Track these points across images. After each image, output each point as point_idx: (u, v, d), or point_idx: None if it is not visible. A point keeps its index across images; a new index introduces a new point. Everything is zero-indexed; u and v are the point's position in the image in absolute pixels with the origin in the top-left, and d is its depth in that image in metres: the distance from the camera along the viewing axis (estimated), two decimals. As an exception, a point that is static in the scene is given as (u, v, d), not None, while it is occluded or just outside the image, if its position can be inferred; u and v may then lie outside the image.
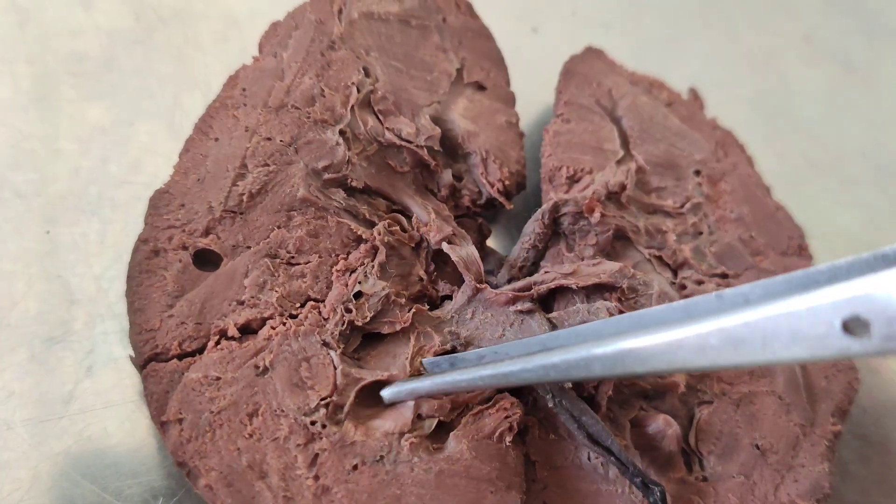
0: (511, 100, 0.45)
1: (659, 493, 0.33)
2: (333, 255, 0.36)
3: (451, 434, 0.33)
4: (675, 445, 0.36)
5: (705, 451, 0.37)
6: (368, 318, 0.35)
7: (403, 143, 0.39)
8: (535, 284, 0.37)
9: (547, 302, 0.38)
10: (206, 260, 0.35)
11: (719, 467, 0.36)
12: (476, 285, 0.37)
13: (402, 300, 0.36)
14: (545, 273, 0.38)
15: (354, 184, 0.38)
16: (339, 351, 0.34)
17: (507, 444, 0.34)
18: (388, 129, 0.39)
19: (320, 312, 0.34)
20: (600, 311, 0.35)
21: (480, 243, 0.41)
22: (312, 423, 0.32)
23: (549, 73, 0.46)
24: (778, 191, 0.47)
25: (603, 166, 0.42)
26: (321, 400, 0.32)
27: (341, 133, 0.38)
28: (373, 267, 0.36)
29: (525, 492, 0.34)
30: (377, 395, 0.34)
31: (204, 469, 0.31)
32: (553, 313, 0.37)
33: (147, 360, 0.32)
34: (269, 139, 0.37)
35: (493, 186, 0.40)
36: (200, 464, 0.31)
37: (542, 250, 0.39)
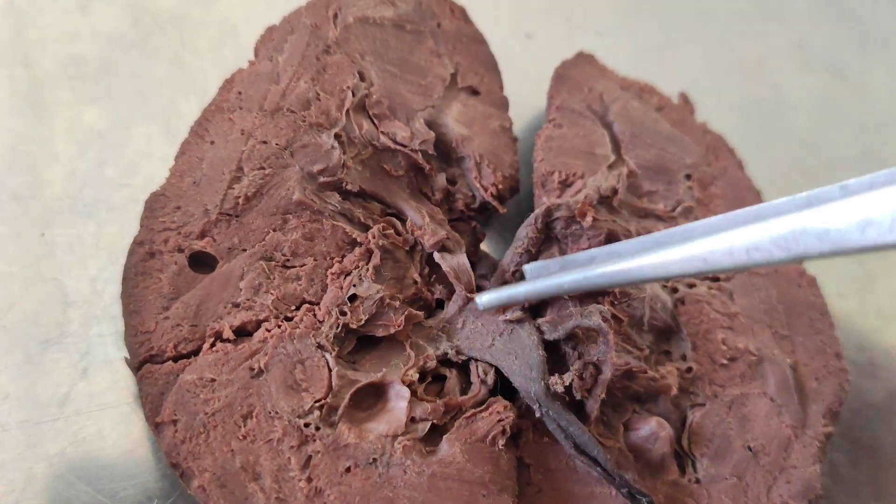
0: (505, 105, 0.45)
1: (646, 502, 0.33)
2: (328, 258, 0.36)
3: (445, 437, 0.34)
4: (668, 448, 0.36)
5: (698, 454, 0.37)
6: (363, 321, 0.35)
7: (398, 147, 0.39)
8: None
9: (538, 309, 0.38)
10: (202, 262, 0.35)
11: (712, 469, 0.37)
12: (467, 295, 0.37)
13: (397, 303, 0.36)
14: None
15: (349, 187, 0.38)
16: (333, 353, 0.34)
17: (500, 447, 0.34)
18: (382, 132, 0.40)
19: (315, 315, 0.35)
20: (593, 315, 0.35)
21: (474, 247, 0.41)
22: (306, 426, 0.32)
23: (542, 79, 0.46)
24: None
25: (595, 171, 0.42)
26: (315, 402, 0.33)
27: (336, 137, 0.38)
28: (367, 270, 0.36)
29: (519, 495, 0.34)
30: (371, 397, 0.34)
31: (197, 470, 0.31)
32: (546, 317, 0.37)
33: (142, 361, 0.33)
34: (265, 142, 0.37)
35: (486, 190, 0.41)
36: (194, 465, 0.31)
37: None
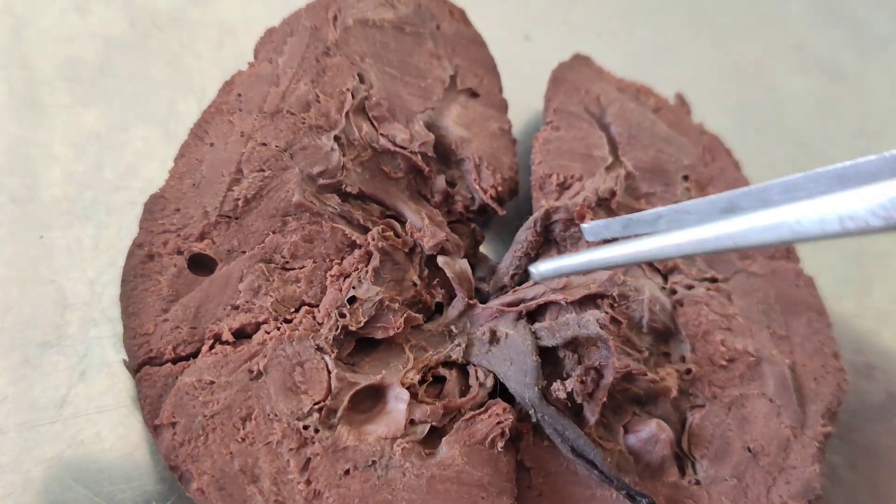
0: (504, 107, 0.45)
1: (646, 503, 0.33)
2: (328, 260, 0.36)
3: (444, 439, 0.34)
4: (669, 450, 0.36)
5: (698, 455, 0.37)
6: (362, 323, 0.35)
7: (397, 149, 0.39)
8: (523, 300, 0.37)
9: (535, 314, 0.38)
10: (201, 264, 0.35)
11: (712, 470, 0.37)
12: (468, 301, 0.37)
13: (396, 305, 0.36)
14: (535, 285, 0.38)
15: (349, 189, 0.38)
16: (333, 355, 0.34)
17: (499, 449, 0.34)
18: (382, 135, 0.40)
19: (314, 317, 0.35)
20: (590, 324, 0.35)
21: (473, 249, 0.41)
22: (305, 428, 0.32)
23: (541, 81, 0.47)
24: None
25: (592, 173, 0.42)
26: (314, 404, 0.33)
27: (336, 139, 0.38)
28: (367, 272, 0.36)
29: (520, 498, 0.34)
30: (370, 399, 0.34)
31: (196, 473, 0.31)
32: (544, 323, 0.37)
33: (141, 364, 0.33)
34: (265, 144, 0.37)
35: (485, 192, 0.41)
36: (193, 468, 0.31)
37: (533, 258, 0.39)
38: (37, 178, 0.38)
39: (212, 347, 0.33)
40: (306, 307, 0.35)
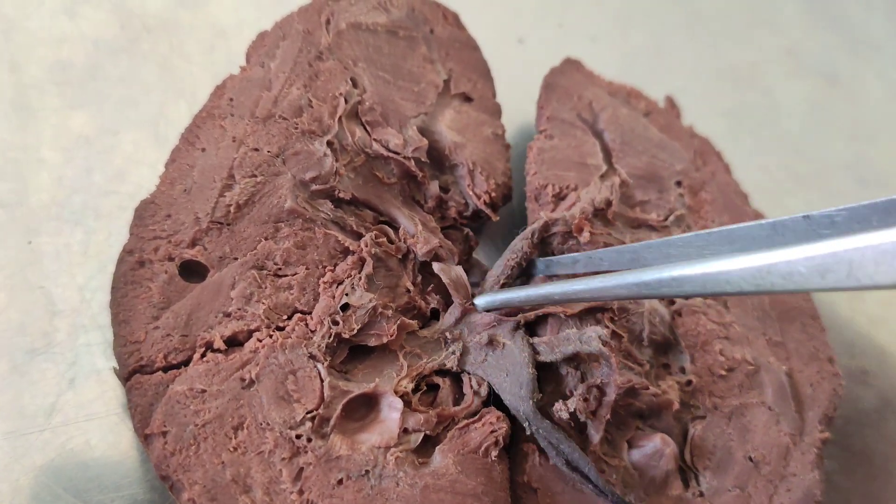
0: (497, 111, 0.45)
1: None
2: (320, 267, 0.36)
3: (437, 448, 0.33)
4: (673, 464, 0.36)
5: (701, 467, 0.37)
6: (356, 331, 0.35)
7: (391, 155, 0.39)
8: (522, 310, 0.37)
9: (534, 325, 0.38)
10: (193, 271, 0.35)
11: (715, 482, 0.36)
12: (465, 307, 0.37)
13: (390, 312, 0.36)
14: None
15: (342, 195, 0.37)
16: (325, 363, 0.33)
17: (493, 458, 0.34)
18: (375, 140, 0.39)
19: (307, 325, 0.34)
20: (592, 341, 0.35)
21: (467, 255, 0.41)
22: (298, 437, 0.32)
23: (535, 85, 0.46)
24: (761, 203, 0.47)
25: (587, 182, 0.42)
26: (307, 413, 0.32)
27: (329, 144, 0.38)
28: (360, 279, 0.36)
29: None
30: (364, 408, 0.34)
31: (187, 482, 0.30)
32: (543, 338, 0.36)
33: (131, 372, 0.32)
34: (257, 150, 0.37)
35: (479, 198, 0.41)
36: (184, 477, 0.30)
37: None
38: (25, 183, 0.37)
39: (203, 355, 0.33)
40: (299, 314, 0.35)
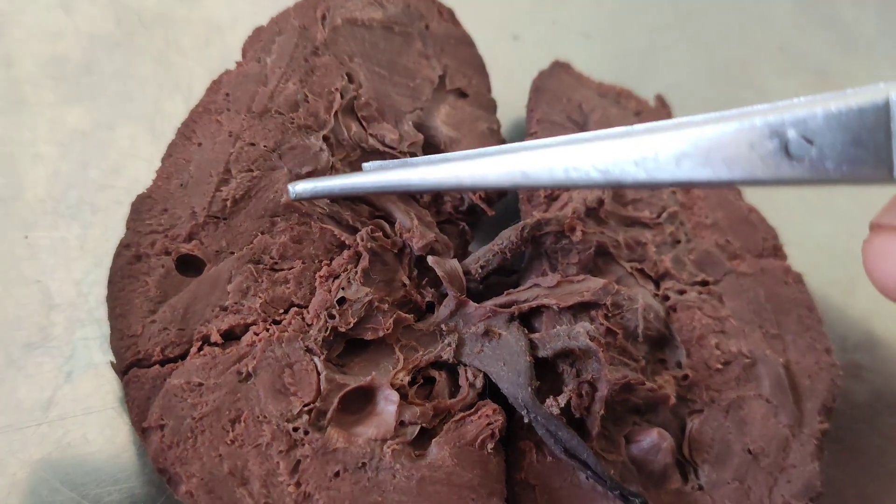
0: (492, 107, 0.45)
1: (639, 503, 0.33)
2: (317, 261, 0.36)
3: (434, 441, 0.33)
4: (671, 458, 0.36)
5: (699, 460, 0.37)
6: (352, 325, 0.35)
7: (386, 150, 0.39)
8: (516, 302, 0.37)
9: (529, 318, 0.38)
10: (189, 265, 0.35)
11: (714, 475, 0.37)
12: (460, 299, 0.37)
13: (386, 306, 0.36)
14: (529, 288, 0.38)
15: (338, 190, 0.38)
16: (322, 357, 0.33)
17: (489, 450, 0.34)
18: (371, 135, 0.39)
19: (304, 318, 0.34)
20: (580, 336, 0.35)
21: (462, 249, 0.41)
22: (295, 430, 0.32)
23: (529, 80, 0.47)
24: (754, 200, 0.48)
25: (578, 183, 0.42)
26: (304, 406, 0.32)
27: (325, 139, 0.38)
28: (356, 273, 0.36)
29: None
30: (360, 401, 0.34)
31: (185, 476, 0.30)
32: (536, 334, 0.37)
33: (128, 365, 0.32)
34: (253, 144, 0.37)
35: (475, 193, 0.41)
36: (181, 470, 0.30)
37: (508, 260, 0.39)
38: (21, 178, 0.37)
39: (200, 349, 0.33)
40: (295, 308, 0.35)
